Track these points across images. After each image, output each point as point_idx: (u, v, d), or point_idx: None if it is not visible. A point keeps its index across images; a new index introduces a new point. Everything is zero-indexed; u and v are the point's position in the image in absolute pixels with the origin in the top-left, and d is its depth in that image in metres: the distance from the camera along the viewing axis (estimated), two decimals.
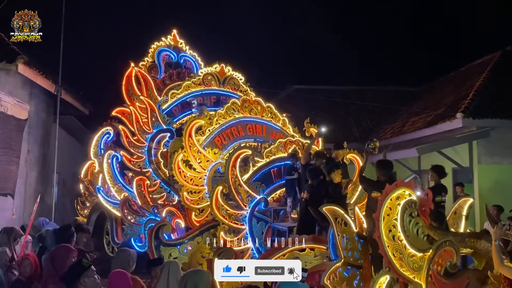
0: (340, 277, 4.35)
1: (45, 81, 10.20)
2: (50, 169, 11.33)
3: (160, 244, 6.53)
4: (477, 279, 3.88)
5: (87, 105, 13.28)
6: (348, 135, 15.23)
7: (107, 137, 10.04)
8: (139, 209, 8.29)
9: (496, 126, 10.71)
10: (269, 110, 8.47)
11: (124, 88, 9.64)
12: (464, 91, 12.53)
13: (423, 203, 3.81)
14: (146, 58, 10.58)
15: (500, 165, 10.75)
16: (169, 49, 10.63)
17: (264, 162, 7.42)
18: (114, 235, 8.94)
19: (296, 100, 15.96)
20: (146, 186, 8.30)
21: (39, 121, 11.05)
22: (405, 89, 18.37)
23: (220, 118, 7.95)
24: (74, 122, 13.46)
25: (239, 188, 6.68)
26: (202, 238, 6.65)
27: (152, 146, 8.66)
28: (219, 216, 6.52)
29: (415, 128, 13.10)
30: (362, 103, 16.18)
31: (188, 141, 7.38)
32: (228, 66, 9.66)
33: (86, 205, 10.43)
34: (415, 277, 3.80)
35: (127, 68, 9.85)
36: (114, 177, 9.01)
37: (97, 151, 10.09)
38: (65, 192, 13.39)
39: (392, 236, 3.79)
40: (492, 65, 13.04)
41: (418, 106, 14.68)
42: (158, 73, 10.54)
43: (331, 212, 4.64)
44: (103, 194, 9.16)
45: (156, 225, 6.75)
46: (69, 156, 13.63)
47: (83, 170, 10.49)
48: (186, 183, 7.23)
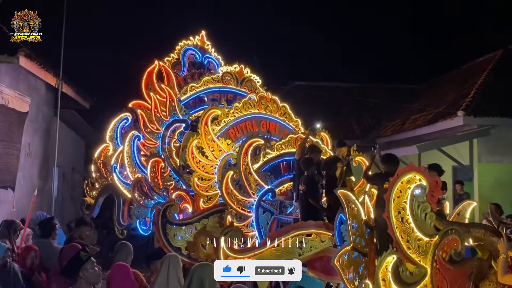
0: (348, 260, 4.43)
1: (47, 74, 10.19)
2: (50, 162, 11.33)
3: (167, 222, 6.57)
4: (481, 268, 3.93)
5: (88, 99, 13.28)
6: (349, 132, 15.26)
7: (125, 122, 10.38)
8: (149, 191, 8.54)
9: (497, 124, 10.73)
10: (284, 109, 8.64)
11: (144, 82, 9.90)
12: (466, 89, 12.54)
13: (432, 188, 3.86)
14: (172, 55, 10.78)
15: (500, 164, 10.78)
16: (195, 48, 10.85)
17: (274, 155, 7.52)
18: (120, 217, 9.22)
19: (297, 96, 15.96)
20: (159, 169, 8.51)
21: (40, 114, 11.05)
22: (406, 86, 18.38)
23: (236, 111, 8.11)
24: (74, 116, 13.46)
25: (249, 176, 6.81)
26: (209, 221, 6.70)
27: (166, 134, 8.80)
28: (228, 200, 6.63)
29: (416, 126, 13.12)
30: (363, 100, 16.17)
31: (204, 129, 7.54)
32: (247, 67, 10.00)
33: (96, 187, 10.73)
34: (420, 260, 3.88)
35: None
36: (132, 157, 9.34)
37: (113, 135, 10.43)
38: (65, 186, 13.41)
39: (401, 218, 3.87)
40: (493, 63, 13.04)
41: (419, 104, 14.69)
42: (181, 70, 10.70)
43: (345, 196, 4.69)
44: (117, 173, 9.53)
45: (165, 204, 6.84)
46: (70, 150, 13.64)
47: (96, 152, 10.82)
48: (198, 169, 7.36)
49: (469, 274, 3.92)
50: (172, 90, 9.43)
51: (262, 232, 6.52)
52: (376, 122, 16.44)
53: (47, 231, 5.48)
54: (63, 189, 13.20)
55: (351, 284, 4.40)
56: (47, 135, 11.48)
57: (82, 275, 3.39)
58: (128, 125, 10.31)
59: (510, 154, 10.80)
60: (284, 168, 7.62)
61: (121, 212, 9.30)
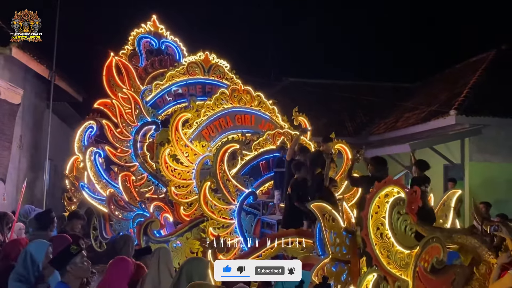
0: (328, 272, 4.38)
1: (39, 66, 10.12)
2: (42, 155, 11.28)
3: (149, 241, 6.46)
4: (463, 275, 3.94)
5: (80, 92, 13.20)
6: (342, 130, 15.27)
7: (90, 131, 9.64)
8: (126, 204, 8.13)
9: (488, 124, 10.80)
10: (259, 99, 8.31)
11: (105, 79, 9.28)
12: (458, 89, 12.60)
13: (411, 200, 3.82)
14: (126, 46, 10.23)
15: (490, 163, 10.86)
16: (149, 35, 10.30)
17: (252, 155, 7.33)
18: (103, 231, 8.76)
19: (290, 93, 15.96)
20: (131, 182, 8.13)
21: (32, 106, 10.98)
22: (399, 85, 18.42)
23: (208, 110, 7.77)
24: (67, 109, 13.39)
25: (227, 183, 6.56)
26: (191, 234, 6.56)
27: (137, 139, 8.47)
28: (208, 212, 6.41)
29: (409, 124, 13.17)
30: (356, 98, 16.20)
31: (175, 135, 7.20)
32: (213, 53, 9.38)
33: (73, 201, 10.14)
34: (402, 274, 3.81)
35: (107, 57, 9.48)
36: (98, 174, 8.76)
37: (81, 146, 9.65)
38: (57, 179, 13.33)
39: (380, 234, 3.79)
40: (486, 63, 13.12)
41: (412, 102, 14.75)
42: (140, 61, 10.22)
43: (319, 209, 4.67)
44: (87, 191, 8.91)
45: (145, 221, 6.68)
46: (62, 143, 13.53)
47: (67, 166, 10.14)
48: (174, 178, 7.07)
49: (451, 281, 3.92)
50: (134, 84, 9.01)
51: (247, 236, 6.44)
52: (369, 119, 16.47)
53: (45, 224, 5.43)
54: (55, 182, 13.13)
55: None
56: (39, 128, 11.41)
57: (69, 269, 3.34)
58: (94, 134, 9.61)
59: (500, 154, 10.89)
60: (264, 167, 7.46)
61: (103, 226, 8.82)
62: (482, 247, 3.99)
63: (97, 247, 9.08)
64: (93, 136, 9.61)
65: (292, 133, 7.93)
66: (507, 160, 10.85)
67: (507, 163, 10.81)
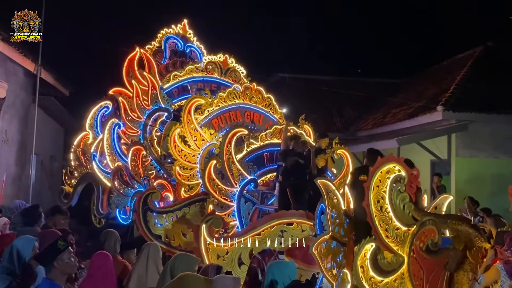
0: (327, 249, 4.47)
1: (25, 60, 9.98)
2: (28, 150, 11.14)
3: (148, 210, 6.48)
4: (456, 258, 4.03)
5: (67, 86, 13.05)
6: (330, 125, 15.37)
7: (105, 110, 10.19)
8: (129, 179, 8.42)
9: (474, 120, 10.94)
10: (269, 101, 8.61)
11: (125, 70, 9.69)
12: (445, 85, 12.74)
13: (411, 179, 3.93)
14: (153, 43, 10.66)
15: (476, 158, 11.01)
16: (177, 37, 10.73)
17: (258, 145, 7.52)
18: (99, 205, 9.06)
19: (280, 88, 15.97)
20: (141, 157, 8.40)
21: (17, 100, 10.82)
22: (388, 80, 18.57)
23: (220, 101, 8.04)
24: (54, 103, 13.23)
25: (231, 166, 6.78)
26: (190, 209, 6.60)
27: (148, 122, 8.69)
28: (210, 189, 6.61)
29: (396, 120, 13.29)
30: (345, 93, 16.28)
31: (187, 118, 7.46)
32: (232, 57, 9.91)
33: (74, 175, 10.54)
34: (398, 249, 3.94)
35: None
36: (112, 145, 9.18)
37: (92, 123, 10.23)
38: (43, 174, 13.20)
39: (380, 206, 3.92)
40: (473, 60, 13.27)
41: (400, 98, 14.87)
42: (163, 58, 10.59)
43: (324, 186, 4.73)
44: (97, 161, 9.37)
45: (147, 191, 6.74)
46: (48, 138, 13.41)
47: (76, 140, 10.62)
48: (180, 158, 7.29)
49: (444, 264, 4.03)
50: (153, 78, 9.36)
51: (244, 221, 6.54)
52: (357, 115, 16.59)
53: (33, 219, 5.37)
54: (41, 177, 12.99)
55: (329, 272, 4.45)
56: (25, 122, 11.26)
57: (56, 265, 3.28)
58: (109, 113, 10.12)
59: (486, 149, 11.05)
60: (268, 159, 7.64)
61: (101, 200, 9.17)
62: (475, 233, 4.08)
63: (96, 223, 9.37)
64: (107, 115, 10.08)
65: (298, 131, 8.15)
66: (492, 155, 11.01)
67: (493, 159, 10.97)
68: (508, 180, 10.18)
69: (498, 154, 11.01)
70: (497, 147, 11.02)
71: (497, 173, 10.72)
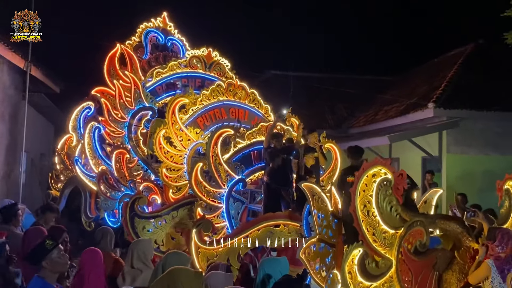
0: (314, 252, 4.44)
1: (14, 56, 9.84)
2: (18, 147, 11.01)
3: (135, 216, 6.45)
4: (444, 258, 4.04)
5: (58, 83, 12.91)
6: (322, 122, 15.37)
7: (88, 111, 9.94)
8: (115, 183, 8.26)
9: (465, 117, 11.00)
10: (253, 96, 8.49)
11: (106, 68, 9.45)
12: (437, 82, 12.79)
13: (397, 181, 3.90)
14: (133, 38, 10.43)
15: (467, 155, 11.08)
16: (157, 31, 10.49)
17: (245, 144, 7.46)
18: (87, 209, 8.92)
19: (272, 85, 15.95)
20: (125, 160, 8.24)
21: (7, 97, 10.68)
22: (379, 78, 18.60)
23: (204, 99, 7.94)
24: (44, 100, 13.08)
25: (219, 167, 6.71)
26: (178, 213, 6.58)
27: (132, 122, 8.55)
28: (198, 192, 6.54)
29: (388, 117, 13.33)
30: (337, 91, 16.29)
31: (171, 118, 7.36)
32: (216, 51, 9.65)
33: (61, 179, 10.36)
34: (386, 252, 3.93)
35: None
36: (94, 149, 8.98)
37: (75, 125, 10.00)
38: (33, 172, 13.07)
39: (366, 211, 3.89)
40: (464, 57, 13.33)
41: (392, 95, 14.91)
42: (144, 53, 10.39)
43: (309, 189, 4.72)
44: (80, 166, 9.15)
45: (133, 196, 6.70)
46: (38, 135, 13.29)
47: (59, 143, 10.43)
48: (166, 160, 7.21)
49: (433, 265, 4.02)
50: (136, 75, 9.08)
51: (233, 222, 6.51)
52: (349, 112, 16.61)
53: (8, 217, 5.32)
54: (31, 175, 12.87)
55: (317, 275, 4.41)
56: (15, 120, 11.12)
57: (45, 264, 3.24)
58: (91, 114, 9.85)
59: (477, 146, 11.12)
60: (255, 157, 7.58)
61: (88, 204, 9.00)
62: (463, 233, 4.10)
63: (86, 226, 9.24)
64: (90, 116, 9.80)
65: (285, 127, 8.07)
66: (483, 152, 11.09)
67: (483, 155, 11.05)
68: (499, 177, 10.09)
69: (489, 151, 11.10)
70: (487, 144, 11.10)
71: (488, 170, 10.78)
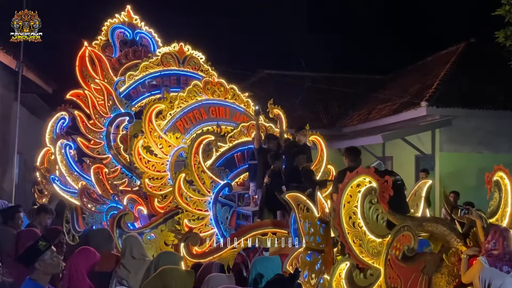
0: (302, 262, 4.39)
1: (6, 56, 9.79)
2: (10, 149, 10.94)
3: (123, 233, 6.31)
4: (433, 262, 4.05)
5: (50, 83, 12.84)
6: (316, 121, 15.40)
7: (62, 122, 9.52)
8: (99, 197, 7.98)
9: (458, 115, 11.07)
10: (232, 91, 8.27)
11: (78, 70, 9.12)
12: (429, 81, 12.85)
13: (382, 189, 3.87)
14: (100, 37, 10.08)
15: (460, 153, 11.15)
16: (123, 26, 10.14)
17: (227, 147, 7.35)
18: (75, 224, 8.62)
19: (266, 85, 15.96)
20: (104, 174, 7.99)
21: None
22: (372, 77, 18.66)
23: (181, 102, 7.74)
24: (36, 101, 13.02)
25: (202, 175, 6.52)
26: (166, 226, 6.50)
27: (110, 131, 8.35)
28: (183, 204, 6.37)
29: (381, 116, 13.38)
30: (330, 90, 16.33)
31: (148, 127, 7.14)
32: (188, 44, 9.29)
33: (44, 193, 9.91)
34: (374, 262, 3.87)
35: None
36: (69, 167, 8.59)
37: (52, 137, 9.52)
38: (26, 173, 12.99)
39: (352, 223, 3.83)
40: (456, 56, 13.41)
41: (385, 94, 14.97)
42: (113, 52, 10.07)
43: (293, 199, 4.69)
44: (58, 184, 8.73)
45: (118, 214, 6.57)
46: (31, 136, 13.18)
47: (38, 158, 9.97)
48: (148, 170, 7.02)
49: (421, 269, 4.03)
50: (107, 75, 8.89)
51: (222, 227, 6.43)
52: (343, 111, 16.66)
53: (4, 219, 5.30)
54: (24, 176, 12.79)
55: (306, 284, 4.36)
56: (7, 120, 11.06)
57: (38, 266, 3.22)
58: (66, 125, 9.51)
59: (469, 144, 11.19)
60: (239, 159, 7.49)
61: (76, 219, 8.63)
62: (451, 235, 4.11)
63: (70, 240, 8.83)
64: (65, 127, 9.48)
65: (267, 125, 7.94)
66: (475, 150, 11.16)
67: (476, 153, 11.12)
68: None
69: (481, 149, 11.17)
70: (480, 142, 11.17)
71: (481, 168, 10.84)
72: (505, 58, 9.26)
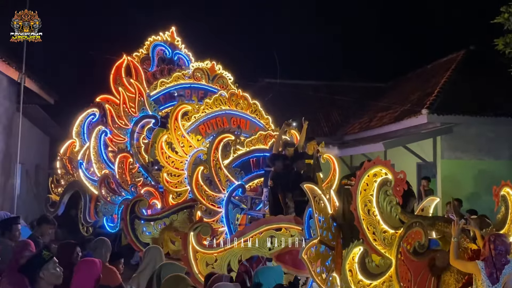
0: (316, 253, 4.48)
1: (8, 68, 9.83)
2: (12, 159, 10.96)
3: (135, 218, 6.50)
4: (443, 259, 4.09)
5: (52, 94, 12.90)
6: (317, 130, 15.42)
7: (92, 118, 10.24)
8: (117, 187, 8.42)
9: (459, 122, 11.09)
10: (255, 107, 8.65)
11: (112, 77, 9.71)
12: (430, 88, 12.89)
13: (398, 182, 3.96)
14: (141, 50, 10.68)
15: (461, 160, 11.15)
16: (165, 44, 10.75)
17: (244, 151, 7.58)
18: (86, 214, 9.08)
19: (267, 93, 15.99)
20: (128, 164, 8.38)
21: (1, 109, 10.65)
22: (373, 85, 18.72)
23: (207, 107, 8.10)
24: (38, 112, 13.06)
25: (219, 171, 6.79)
26: (178, 216, 6.66)
27: (135, 130, 8.71)
28: (198, 195, 6.60)
29: (382, 123, 13.40)
30: (331, 98, 16.38)
31: (174, 124, 7.49)
32: (219, 64, 9.94)
33: (61, 184, 10.50)
34: (386, 252, 3.98)
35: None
36: (99, 153, 9.19)
37: (79, 131, 10.28)
38: (28, 183, 13.01)
39: (367, 210, 3.95)
40: (456, 63, 13.47)
41: (386, 102, 15.01)
42: (150, 66, 10.60)
43: (310, 190, 4.75)
44: (83, 169, 9.38)
45: (134, 199, 6.77)
46: (33, 147, 13.23)
47: (62, 148, 10.64)
48: (167, 165, 7.31)
49: (432, 265, 4.08)
50: (140, 85, 9.34)
51: (232, 227, 6.53)
52: (344, 119, 16.69)
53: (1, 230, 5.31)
54: (27, 186, 12.80)
55: (318, 277, 4.46)
56: (9, 131, 11.09)
57: (42, 275, 3.21)
58: (95, 121, 10.14)
59: (470, 151, 11.20)
60: (254, 165, 7.69)
61: (88, 209, 9.19)
62: (461, 235, 4.14)
63: (84, 232, 9.35)
64: (94, 123, 10.11)
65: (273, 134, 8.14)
66: (476, 157, 11.17)
67: (477, 160, 11.13)
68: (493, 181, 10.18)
69: (483, 156, 11.18)
70: (481, 149, 11.18)
71: (482, 174, 10.86)
72: (504, 65, 9.31)
